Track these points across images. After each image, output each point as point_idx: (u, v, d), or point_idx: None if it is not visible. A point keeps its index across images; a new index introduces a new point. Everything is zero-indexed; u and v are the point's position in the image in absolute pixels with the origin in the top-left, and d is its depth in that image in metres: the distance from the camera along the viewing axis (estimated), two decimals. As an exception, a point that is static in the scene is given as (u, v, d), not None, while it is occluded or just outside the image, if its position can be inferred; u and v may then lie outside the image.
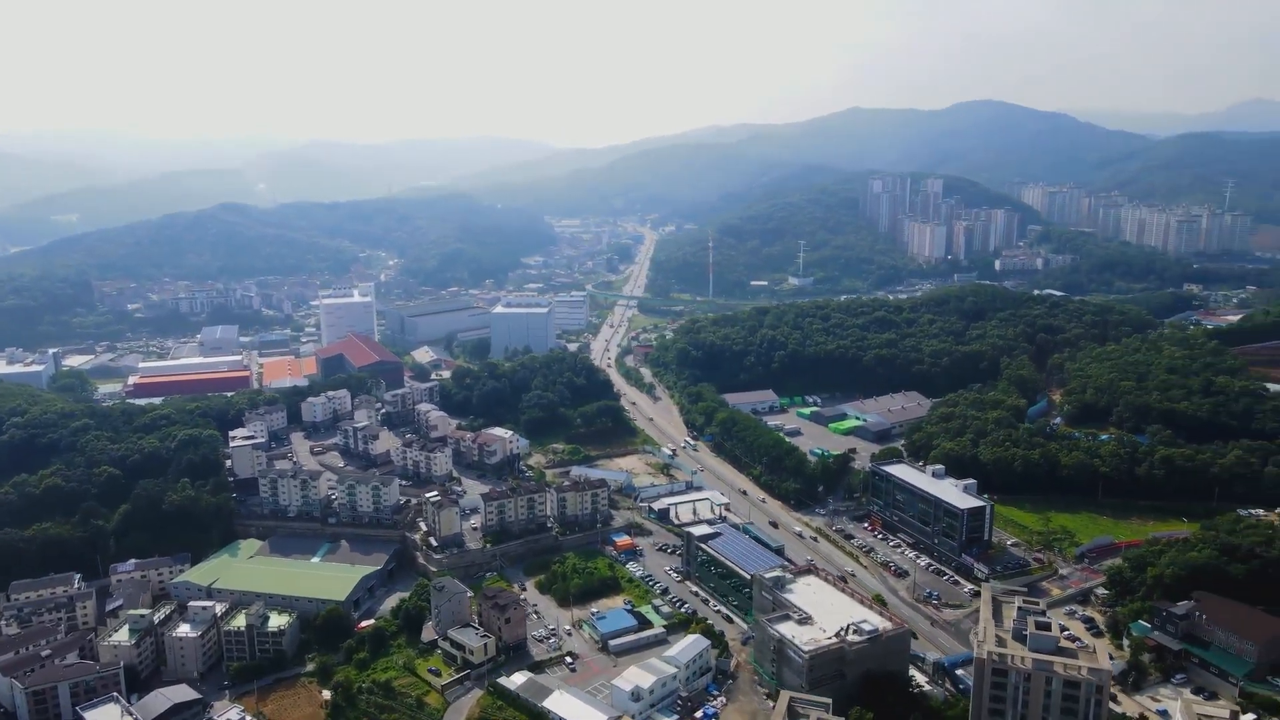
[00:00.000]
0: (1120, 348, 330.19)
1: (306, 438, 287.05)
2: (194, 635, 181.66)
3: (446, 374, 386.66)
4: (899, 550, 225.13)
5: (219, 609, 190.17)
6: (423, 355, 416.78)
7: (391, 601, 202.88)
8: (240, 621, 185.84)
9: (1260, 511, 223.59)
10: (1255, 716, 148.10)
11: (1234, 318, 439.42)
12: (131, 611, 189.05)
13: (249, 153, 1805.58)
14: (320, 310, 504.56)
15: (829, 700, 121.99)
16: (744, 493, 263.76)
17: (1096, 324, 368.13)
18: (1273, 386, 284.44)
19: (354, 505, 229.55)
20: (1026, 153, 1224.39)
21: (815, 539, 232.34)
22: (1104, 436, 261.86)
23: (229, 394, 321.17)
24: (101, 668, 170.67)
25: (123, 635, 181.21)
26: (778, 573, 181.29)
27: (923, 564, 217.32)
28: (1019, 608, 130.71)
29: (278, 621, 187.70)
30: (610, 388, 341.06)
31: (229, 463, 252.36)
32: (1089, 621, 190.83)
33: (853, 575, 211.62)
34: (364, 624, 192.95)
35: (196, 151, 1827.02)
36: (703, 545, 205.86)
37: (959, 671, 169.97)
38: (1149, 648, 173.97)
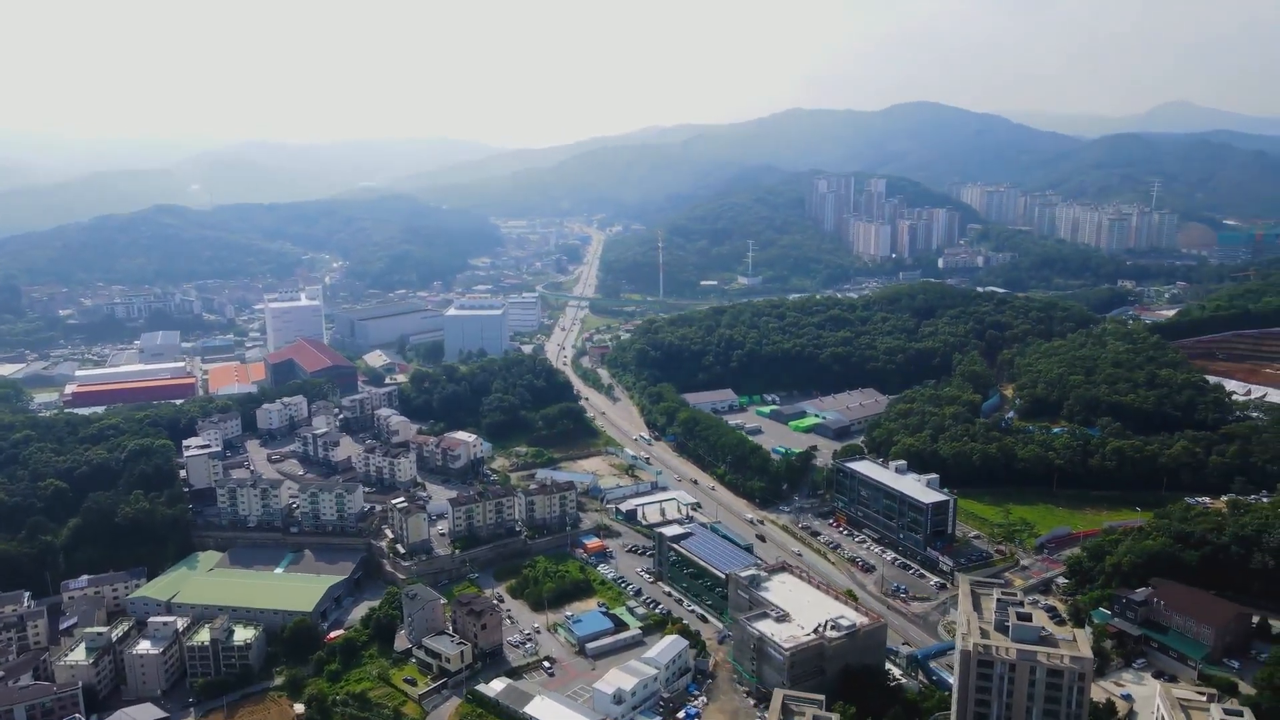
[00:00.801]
0: (1066, 343, 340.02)
1: (263, 445, 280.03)
2: (155, 652, 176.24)
3: (401, 378, 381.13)
4: (864, 546, 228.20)
5: (180, 624, 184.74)
6: (375, 359, 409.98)
7: (360, 611, 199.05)
8: (204, 636, 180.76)
9: (1207, 499, 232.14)
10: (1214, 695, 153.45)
11: (1168, 312, 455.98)
12: (87, 629, 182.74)
13: (180, 153, 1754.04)
14: (266, 314, 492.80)
15: (821, 697, 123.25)
16: (695, 481, 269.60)
17: (1042, 320, 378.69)
18: (1212, 378, 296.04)
19: (317, 514, 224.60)
20: (963, 153, 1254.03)
21: (778, 535, 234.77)
22: (1056, 429, 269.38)
23: (178, 401, 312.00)
24: (59, 688, 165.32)
25: (79, 654, 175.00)
26: (753, 571, 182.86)
27: (888, 559, 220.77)
28: (998, 599, 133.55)
29: (243, 635, 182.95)
30: (570, 389, 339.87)
31: (183, 473, 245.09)
32: (1051, 610, 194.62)
33: (799, 555, 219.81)
34: (333, 635, 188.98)
35: (125, 152, 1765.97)
36: (675, 545, 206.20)
37: (932, 663, 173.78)
38: (1110, 634, 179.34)
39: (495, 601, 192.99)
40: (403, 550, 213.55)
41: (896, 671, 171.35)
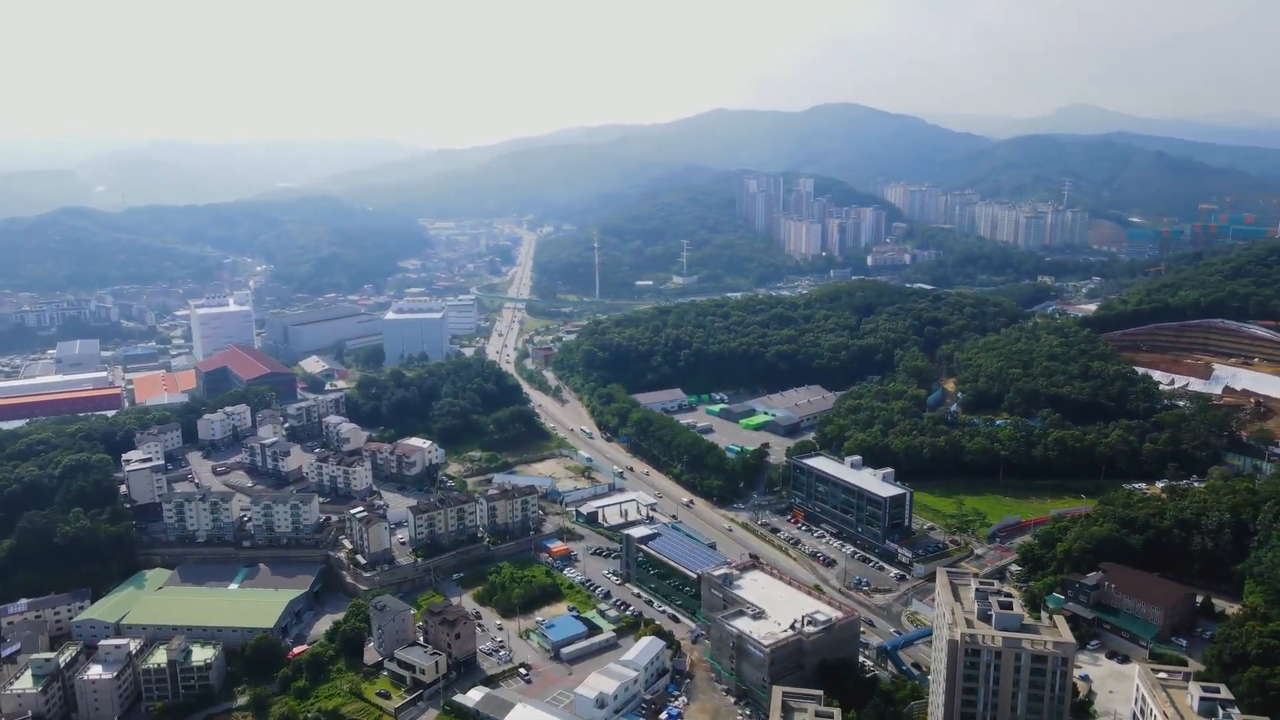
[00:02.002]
0: (1001, 337, 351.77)
1: (206, 457, 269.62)
2: (108, 677, 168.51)
3: (341, 384, 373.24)
4: (823, 540, 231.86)
5: (133, 646, 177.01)
6: (312, 365, 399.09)
7: (323, 625, 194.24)
8: (160, 658, 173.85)
9: (1143, 485, 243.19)
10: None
11: (1089, 306, 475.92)
12: (34, 656, 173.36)
13: (82, 154, 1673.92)
14: (192, 320, 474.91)
15: (820, 693, 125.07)
16: (627, 470, 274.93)
17: (976, 315, 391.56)
18: (1139, 369, 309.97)
19: (271, 526, 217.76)
20: (884, 153, 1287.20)
21: (729, 531, 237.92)
22: (1000, 422, 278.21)
23: (110, 413, 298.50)
24: (7, 718, 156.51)
25: (26, 682, 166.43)
26: (725, 570, 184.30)
27: (847, 552, 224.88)
28: (977, 589, 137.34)
29: (202, 655, 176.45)
30: (520, 392, 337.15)
31: (123, 488, 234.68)
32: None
33: (729, 531, 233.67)
34: (297, 650, 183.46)
35: (18, 153, 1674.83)
36: (643, 546, 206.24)
37: (900, 653, 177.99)
38: (1065, 618, 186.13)
39: (473, 613, 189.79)
40: (363, 561, 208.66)
41: (868, 663, 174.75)
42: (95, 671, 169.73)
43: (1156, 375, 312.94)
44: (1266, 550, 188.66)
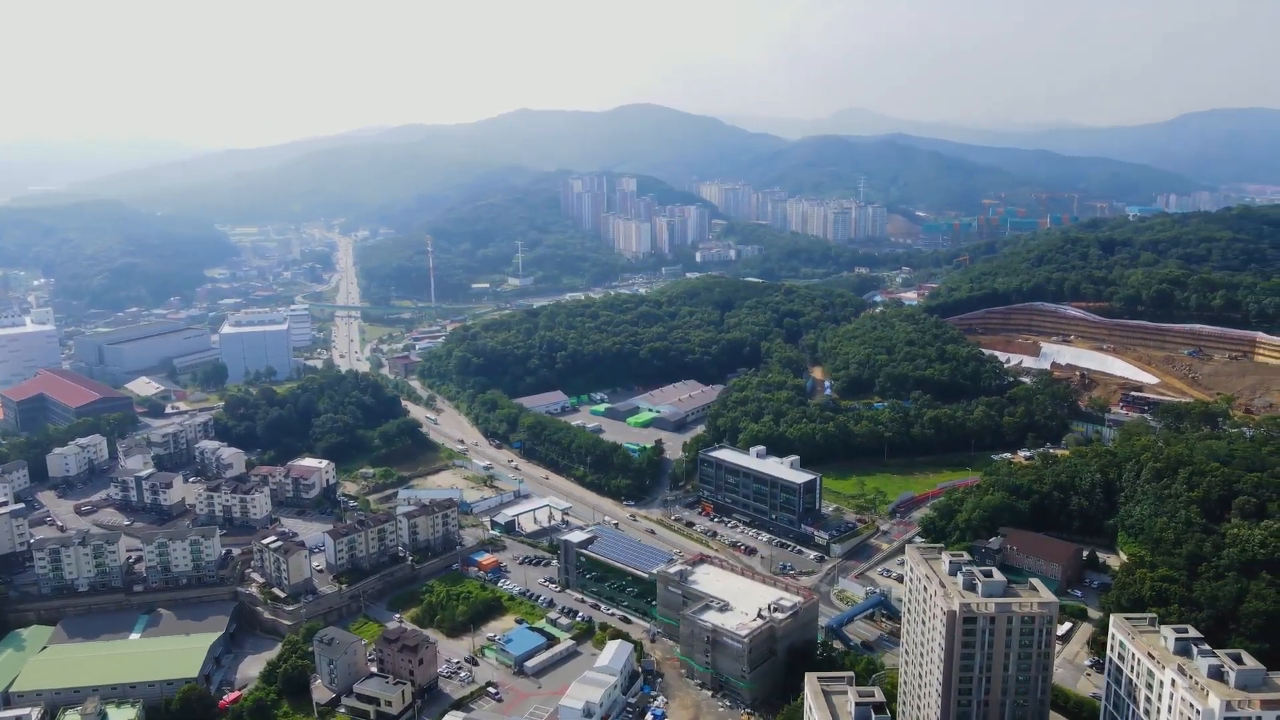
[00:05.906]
0: (856, 326, 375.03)
1: (61, 496, 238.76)
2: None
3: (183, 405, 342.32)
4: (738, 530, 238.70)
5: (35, 715, 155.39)
6: (144, 388, 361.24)
7: (248, 667, 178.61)
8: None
9: (1008, 455, 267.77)
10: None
11: (910, 294, 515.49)
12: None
13: None
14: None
15: (851, 673, 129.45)
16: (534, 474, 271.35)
17: (827, 306, 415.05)
18: (986, 351, 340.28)
19: (167, 567, 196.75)
20: (690, 153, 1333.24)
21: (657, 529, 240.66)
22: (878, 405, 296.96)
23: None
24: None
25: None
26: (680, 567, 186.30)
27: (764, 540, 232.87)
28: (949, 562, 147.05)
29: (120, 716, 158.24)
30: (399, 404, 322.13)
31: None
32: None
33: (653, 533, 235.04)
34: (230, 698, 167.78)
35: None
36: (584, 551, 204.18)
37: (845, 629, 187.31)
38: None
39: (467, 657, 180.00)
40: (282, 594, 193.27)
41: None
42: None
43: (998, 355, 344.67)
44: (1134, 504, 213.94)
